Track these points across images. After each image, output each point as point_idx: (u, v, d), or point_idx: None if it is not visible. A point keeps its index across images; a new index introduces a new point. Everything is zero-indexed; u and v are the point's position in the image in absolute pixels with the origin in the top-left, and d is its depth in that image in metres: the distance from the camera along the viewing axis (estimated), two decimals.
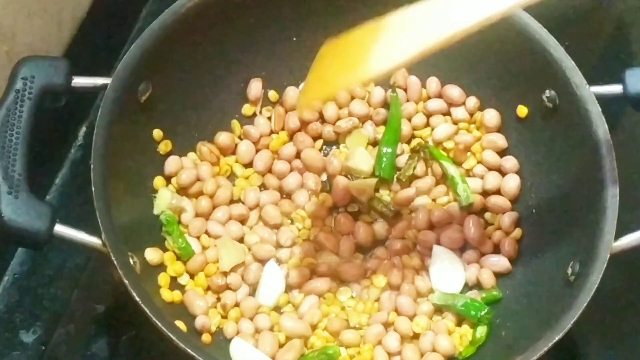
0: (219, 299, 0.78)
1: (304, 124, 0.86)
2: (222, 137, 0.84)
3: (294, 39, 0.85)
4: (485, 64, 0.83)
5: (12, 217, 0.67)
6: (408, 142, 0.86)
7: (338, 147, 0.86)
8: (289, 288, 0.79)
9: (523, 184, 0.83)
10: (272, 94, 0.87)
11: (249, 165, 0.85)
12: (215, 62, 0.83)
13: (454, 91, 0.86)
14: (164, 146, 0.81)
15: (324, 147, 0.87)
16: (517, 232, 0.81)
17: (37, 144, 0.71)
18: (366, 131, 0.86)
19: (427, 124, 0.86)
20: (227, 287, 0.78)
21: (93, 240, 0.69)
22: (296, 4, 0.83)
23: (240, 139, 0.86)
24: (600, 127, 0.75)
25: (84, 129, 0.90)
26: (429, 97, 0.87)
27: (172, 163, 0.82)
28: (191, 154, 0.83)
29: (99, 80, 0.74)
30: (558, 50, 0.77)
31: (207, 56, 0.82)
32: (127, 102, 0.75)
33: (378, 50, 0.64)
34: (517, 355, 0.69)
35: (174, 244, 0.78)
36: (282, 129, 0.86)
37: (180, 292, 0.77)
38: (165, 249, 0.79)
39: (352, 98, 0.87)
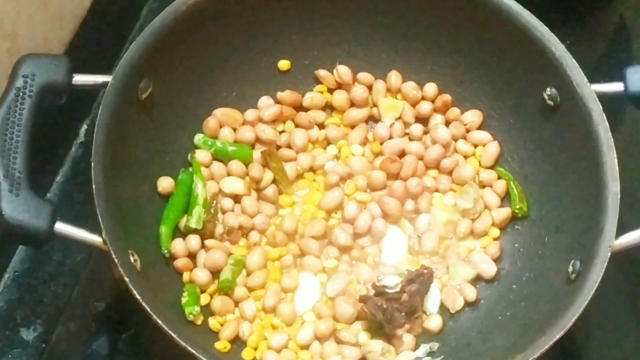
0: None
1: None
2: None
3: (295, 37, 0.85)
4: (487, 62, 0.83)
5: (12, 215, 0.67)
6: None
7: None
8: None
9: (524, 181, 0.83)
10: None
11: None
12: (215, 60, 0.83)
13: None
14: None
15: None
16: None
17: (37, 141, 0.71)
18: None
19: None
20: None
21: (94, 238, 0.69)
22: (297, 4, 0.83)
23: None
24: (601, 125, 0.75)
25: (84, 126, 0.90)
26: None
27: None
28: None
29: (99, 78, 0.74)
30: (559, 48, 0.77)
31: (208, 54, 0.82)
32: (127, 100, 0.75)
33: None
34: (517, 354, 0.69)
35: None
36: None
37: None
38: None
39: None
